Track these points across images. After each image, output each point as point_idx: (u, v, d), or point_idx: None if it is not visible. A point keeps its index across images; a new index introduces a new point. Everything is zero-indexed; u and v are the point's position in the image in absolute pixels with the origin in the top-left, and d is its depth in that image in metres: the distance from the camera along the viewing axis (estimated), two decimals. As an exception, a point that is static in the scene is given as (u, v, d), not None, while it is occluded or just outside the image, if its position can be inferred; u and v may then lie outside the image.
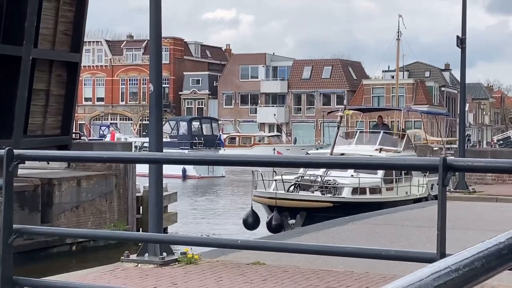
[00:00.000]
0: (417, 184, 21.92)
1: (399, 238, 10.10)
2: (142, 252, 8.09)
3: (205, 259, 8.20)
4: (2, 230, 5.04)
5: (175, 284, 6.99)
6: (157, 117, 8.69)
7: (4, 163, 5.01)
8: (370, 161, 6.94)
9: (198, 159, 6.54)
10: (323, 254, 4.89)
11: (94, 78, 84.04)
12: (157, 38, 8.62)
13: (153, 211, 8.36)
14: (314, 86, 77.89)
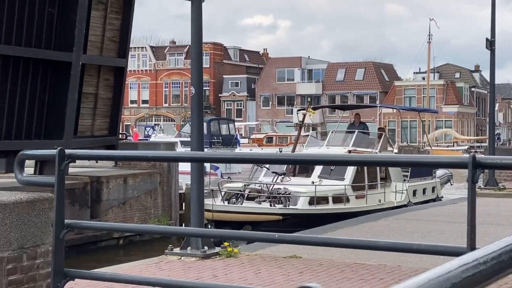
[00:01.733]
0: (395, 190, 19.08)
1: (431, 233, 10.01)
2: (185, 246, 8.14)
3: (244, 252, 8.23)
4: (55, 225, 5.11)
5: (216, 276, 7.02)
6: (199, 119, 8.73)
7: (56, 162, 5.08)
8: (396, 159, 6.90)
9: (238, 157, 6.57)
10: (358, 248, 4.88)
11: (139, 82, 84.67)
12: (199, 43, 8.66)
13: (195, 207, 8.40)
14: (347, 87, 77.49)
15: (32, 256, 5.15)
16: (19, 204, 5.08)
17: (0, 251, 4.91)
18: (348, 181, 17.68)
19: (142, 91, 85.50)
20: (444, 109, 72.01)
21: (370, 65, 78.69)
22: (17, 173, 5.49)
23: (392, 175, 19.57)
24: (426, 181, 21.39)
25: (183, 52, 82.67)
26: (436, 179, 22.26)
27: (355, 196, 17.71)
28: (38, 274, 5.19)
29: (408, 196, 19.29)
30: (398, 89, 75.12)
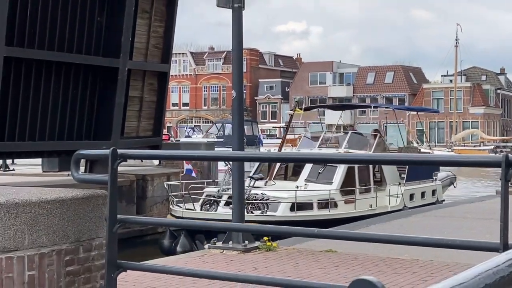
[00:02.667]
0: (390, 194, 17.19)
1: (460, 229, 9.93)
2: (227, 240, 8.19)
3: (283, 246, 8.25)
4: (108, 220, 5.18)
5: (256, 268, 7.04)
6: (239, 120, 8.77)
7: (110, 161, 5.15)
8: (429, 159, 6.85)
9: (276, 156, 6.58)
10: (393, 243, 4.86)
11: (180, 86, 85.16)
12: (239, 49, 8.69)
13: (236, 203, 8.44)
14: (377, 90, 77.00)
15: (88, 249, 5.22)
16: (75, 200, 5.15)
17: (59, 243, 4.98)
18: (335, 185, 15.89)
19: (183, 94, 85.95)
20: (471, 111, 71.24)
21: (399, 69, 78.09)
22: (73, 171, 5.58)
23: (388, 178, 17.96)
24: (425, 184, 19.54)
25: (221, 57, 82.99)
26: (437, 182, 20.33)
27: (344, 201, 15.90)
28: (93, 265, 5.26)
29: (403, 200, 17.48)
30: (426, 91, 74.46)
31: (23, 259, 4.76)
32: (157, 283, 6.06)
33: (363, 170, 16.77)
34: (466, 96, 71.78)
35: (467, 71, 77.00)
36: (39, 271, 4.83)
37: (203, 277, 5.53)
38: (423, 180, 19.41)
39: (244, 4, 8.39)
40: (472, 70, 79.35)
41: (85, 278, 5.19)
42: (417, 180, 19.00)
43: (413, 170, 18.24)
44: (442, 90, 73.85)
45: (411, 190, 18.33)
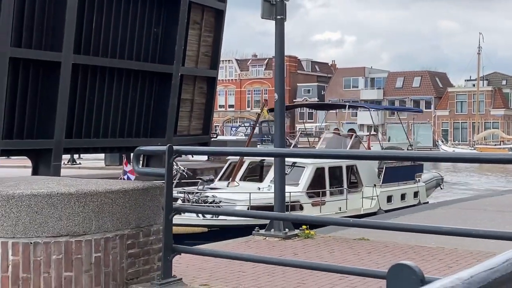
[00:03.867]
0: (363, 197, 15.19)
1: (482, 220, 9.76)
2: (269, 228, 8.20)
3: (320, 234, 8.22)
4: (165, 208, 5.24)
5: (296, 254, 7.04)
6: (281, 121, 8.76)
7: (166, 156, 5.21)
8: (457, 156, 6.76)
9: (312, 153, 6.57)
10: (421, 232, 4.82)
11: (226, 89, 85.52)
12: (281, 57, 8.69)
13: (278, 195, 8.45)
14: (405, 93, 76.14)
15: (147, 234, 5.29)
16: (136, 191, 5.22)
17: (122, 229, 5.06)
18: (301, 187, 13.93)
19: (228, 97, 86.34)
20: (492, 112, 70.02)
21: (426, 74, 77.10)
22: (134, 165, 5.67)
23: (364, 180, 15.81)
24: (405, 186, 17.07)
25: (263, 64, 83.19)
26: (420, 184, 17.94)
27: (311, 203, 13.88)
28: (152, 248, 5.32)
29: (378, 203, 15.26)
30: (451, 94, 73.40)
31: (90, 242, 4.85)
32: (206, 265, 6.10)
33: (335, 171, 14.97)
34: (487, 99, 70.52)
35: (488, 76, 75.60)
36: (104, 253, 4.91)
37: (248, 261, 5.56)
38: (404, 182, 17.04)
39: (286, 16, 8.39)
40: (493, 75, 77.84)
41: (144, 260, 5.26)
42: (396, 181, 16.67)
43: (391, 172, 16.26)
44: (466, 94, 72.67)
45: (388, 192, 16.07)
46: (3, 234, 4.64)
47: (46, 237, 4.69)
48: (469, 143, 64.02)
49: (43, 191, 4.75)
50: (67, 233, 4.76)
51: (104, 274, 4.90)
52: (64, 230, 4.75)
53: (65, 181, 5.50)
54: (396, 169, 16.80)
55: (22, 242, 4.65)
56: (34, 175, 16.16)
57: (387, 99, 77.40)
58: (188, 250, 5.58)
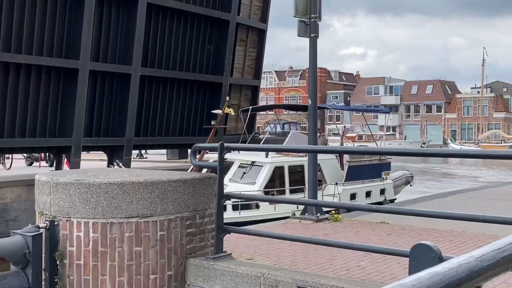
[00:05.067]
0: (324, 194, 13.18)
1: (487, 207, 9.53)
2: (304, 212, 8.17)
3: (346, 218, 8.15)
4: (217, 195, 5.27)
5: (326, 234, 7.00)
6: (314, 122, 8.72)
7: (218, 151, 5.25)
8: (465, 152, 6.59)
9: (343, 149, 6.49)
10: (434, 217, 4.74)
11: (266, 96, 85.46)
12: (314, 69, 8.64)
13: (311, 185, 8.41)
14: (419, 99, 74.90)
15: (202, 216, 5.33)
16: (194, 180, 5.26)
17: (182, 212, 5.11)
18: (258, 186, 12.27)
19: (268, 102, 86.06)
20: (494, 115, 68.44)
21: (437, 83, 75.70)
22: (192, 159, 5.71)
23: (328, 178, 13.89)
24: (370, 184, 15.02)
25: (298, 74, 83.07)
26: (387, 181, 15.84)
27: (268, 202, 11.92)
28: (206, 228, 5.36)
29: (340, 200, 13.09)
30: (458, 100, 71.96)
31: (156, 223, 4.90)
32: (251, 243, 6.11)
33: (296, 170, 13.22)
34: (490, 104, 68.90)
35: (491, 84, 73.79)
36: (167, 232, 4.97)
37: (286, 239, 5.55)
38: (369, 180, 14.98)
39: (318, 34, 8.34)
40: (495, 83, 75.92)
41: (200, 238, 5.30)
42: (360, 179, 14.69)
43: (354, 170, 14.44)
44: (471, 99, 71.18)
45: (352, 190, 14.03)
46: (86, 215, 4.74)
47: (120, 218, 4.77)
48: (475, 142, 62.68)
49: (117, 180, 4.82)
50: (137, 215, 4.83)
51: (167, 249, 4.96)
52: (135, 213, 4.82)
53: (135, 172, 5.57)
54: (360, 167, 14.95)
55: (100, 222, 4.73)
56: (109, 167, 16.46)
57: (403, 104, 76.27)
58: (237, 230, 5.61)
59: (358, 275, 4.83)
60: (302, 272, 4.80)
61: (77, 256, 4.69)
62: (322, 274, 4.74)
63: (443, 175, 36.00)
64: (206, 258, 5.13)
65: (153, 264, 4.84)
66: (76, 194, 4.73)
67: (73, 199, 4.73)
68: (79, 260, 4.69)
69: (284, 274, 4.67)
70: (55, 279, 4.66)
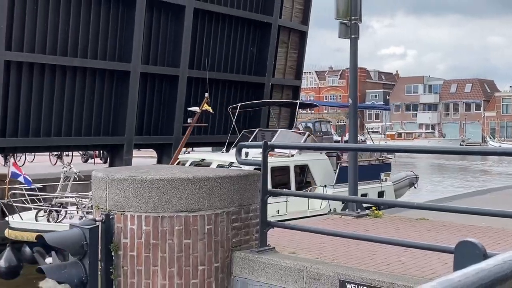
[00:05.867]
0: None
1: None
2: (344, 208, 8.11)
3: (387, 214, 8.04)
4: (261, 191, 5.29)
5: (367, 230, 6.92)
6: (354, 120, 8.64)
7: (262, 149, 5.27)
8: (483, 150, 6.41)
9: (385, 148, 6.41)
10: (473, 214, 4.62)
11: (307, 96, 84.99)
12: (354, 69, 8.56)
13: (351, 181, 8.34)
14: (458, 97, 73.06)
15: (247, 211, 5.35)
16: (239, 176, 5.29)
17: (228, 207, 5.15)
18: None
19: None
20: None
21: (476, 81, 73.63)
22: (237, 156, 5.75)
23: (319, 180, 12.43)
24: (367, 186, 13.02)
25: (338, 74, 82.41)
26: (387, 183, 14.06)
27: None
28: (251, 223, 5.38)
29: (329, 204, 11.28)
30: (497, 98, 69.83)
31: (204, 217, 4.96)
32: (293, 237, 6.11)
33: (281, 172, 11.94)
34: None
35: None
36: (214, 226, 5.02)
37: (328, 234, 5.52)
38: (366, 181, 12.94)
39: (359, 35, 8.26)
40: (535, 81, 73.47)
41: (245, 232, 5.33)
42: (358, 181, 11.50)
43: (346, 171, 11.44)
44: (510, 98, 69.02)
45: (343, 193, 11.37)
46: (138, 209, 4.84)
47: (170, 212, 4.85)
48: None
49: (167, 176, 4.91)
50: (186, 209, 4.90)
51: (214, 242, 5.01)
52: (184, 207, 4.89)
53: (184, 168, 5.65)
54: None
55: (152, 215, 4.83)
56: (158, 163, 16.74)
57: (442, 102, 74.58)
58: (280, 225, 5.62)
59: (398, 270, 4.76)
60: (343, 266, 4.77)
61: (131, 248, 4.79)
62: (363, 269, 4.71)
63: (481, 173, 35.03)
64: (251, 251, 5.16)
65: (201, 256, 4.91)
66: (130, 189, 4.83)
67: (127, 194, 4.84)
68: (133, 251, 4.79)
69: (326, 267, 4.65)
70: (110, 269, 4.79)
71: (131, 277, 4.79)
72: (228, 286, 5.07)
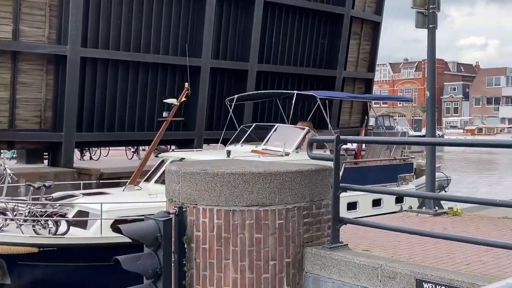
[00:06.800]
0: None
1: None
2: (421, 206, 7.91)
3: (466, 213, 7.77)
4: (333, 186, 5.25)
5: (445, 228, 6.72)
6: (432, 114, 8.39)
7: (335, 144, 5.23)
8: None
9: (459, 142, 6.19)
10: None
11: (380, 89, 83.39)
12: (432, 60, 8.31)
13: (429, 178, 8.12)
14: (546, 89, 69.16)
15: (318, 207, 5.34)
16: (310, 171, 5.28)
17: (299, 202, 5.16)
18: None
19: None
20: None
21: None
22: (308, 151, 5.75)
23: None
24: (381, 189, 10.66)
25: (413, 66, 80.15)
26: (408, 187, 12.04)
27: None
28: (322, 218, 5.37)
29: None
30: None
31: (275, 211, 5.00)
32: (367, 235, 6.03)
33: None
34: None
35: None
36: (285, 221, 5.05)
37: (404, 232, 5.42)
38: (381, 184, 11.36)
39: (437, 25, 8.01)
40: None
41: (316, 228, 5.32)
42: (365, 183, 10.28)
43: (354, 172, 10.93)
44: None
45: (348, 198, 10.28)
46: (210, 203, 4.96)
47: (242, 206, 4.93)
48: None
49: (239, 171, 4.98)
50: (257, 204, 4.96)
51: (285, 237, 5.04)
52: (255, 201, 4.95)
53: (255, 163, 5.72)
54: (363, 169, 11.55)
55: (224, 209, 4.93)
56: (228, 158, 17.00)
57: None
58: (353, 221, 5.57)
59: (479, 270, 4.61)
60: (420, 265, 4.67)
61: (203, 241, 4.92)
62: (441, 268, 4.58)
63: None
64: (323, 248, 5.15)
65: (272, 251, 4.95)
66: (202, 183, 4.95)
67: (199, 187, 4.97)
68: (205, 244, 4.91)
69: (402, 266, 4.57)
70: (183, 261, 4.94)
71: (203, 269, 4.91)
72: (300, 282, 5.10)
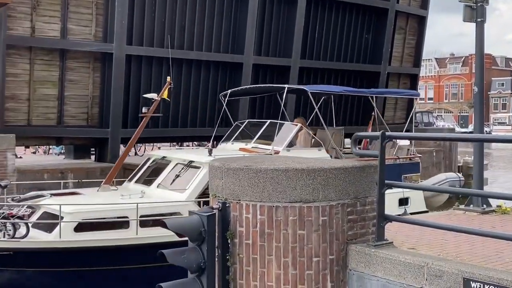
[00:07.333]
0: None
1: None
2: (469, 204, 7.73)
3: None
4: (378, 183, 5.18)
5: (494, 227, 6.55)
6: (480, 110, 8.18)
7: (380, 140, 5.17)
8: None
9: None
10: None
11: (425, 85, 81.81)
12: (481, 55, 8.10)
13: (476, 174, 7.93)
14: None
15: (363, 204, 5.28)
16: (355, 168, 5.24)
17: (343, 199, 5.12)
18: (187, 194, 8.92)
19: (428, 91, 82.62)
20: None
21: None
22: (353, 147, 5.70)
23: None
24: None
25: (460, 61, 78.16)
26: None
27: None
28: (367, 216, 5.31)
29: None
30: None
31: (318, 208, 4.98)
32: (412, 233, 5.94)
33: None
34: None
35: None
36: (329, 218, 5.02)
37: (452, 230, 5.31)
38: None
39: (485, 18, 7.79)
40: None
41: (361, 225, 5.27)
42: None
43: None
44: None
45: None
46: (253, 198, 4.98)
47: (285, 202, 4.93)
48: None
49: (282, 167, 4.99)
50: (300, 200, 4.95)
51: (329, 234, 5.02)
52: (298, 198, 4.94)
53: (298, 159, 5.71)
54: None
55: (267, 205, 4.94)
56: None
57: None
58: (398, 219, 5.50)
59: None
60: (468, 264, 4.57)
61: (246, 236, 4.95)
62: (489, 267, 4.48)
63: None
64: (368, 245, 5.10)
65: (316, 248, 4.94)
66: (245, 178, 4.98)
67: (242, 183, 5.00)
68: (248, 240, 4.94)
69: (449, 265, 4.48)
70: (226, 256, 4.99)
71: (246, 265, 4.95)
72: (344, 279, 5.07)
